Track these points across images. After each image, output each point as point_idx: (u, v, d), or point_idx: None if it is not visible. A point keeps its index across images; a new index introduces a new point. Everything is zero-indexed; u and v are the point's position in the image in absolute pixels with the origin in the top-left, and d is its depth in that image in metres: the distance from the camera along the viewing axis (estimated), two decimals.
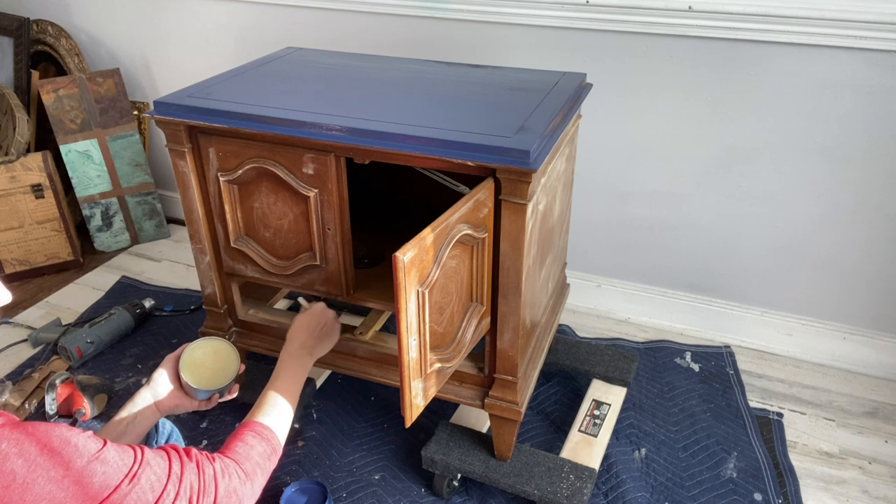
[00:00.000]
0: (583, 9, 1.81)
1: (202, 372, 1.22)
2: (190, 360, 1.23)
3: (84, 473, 0.79)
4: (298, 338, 1.37)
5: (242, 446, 1.06)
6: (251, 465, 1.04)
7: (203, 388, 1.21)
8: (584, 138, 1.93)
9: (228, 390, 1.27)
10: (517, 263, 1.28)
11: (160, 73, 2.54)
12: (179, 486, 0.89)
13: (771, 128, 1.81)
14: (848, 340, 2.00)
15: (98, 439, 0.85)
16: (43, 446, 0.78)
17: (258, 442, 1.08)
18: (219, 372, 1.23)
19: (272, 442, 1.11)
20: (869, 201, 1.81)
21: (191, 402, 1.23)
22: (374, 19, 2.07)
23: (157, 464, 0.89)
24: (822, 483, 1.64)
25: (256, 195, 1.42)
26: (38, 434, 0.79)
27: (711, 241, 2.02)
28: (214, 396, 1.25)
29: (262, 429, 1.11)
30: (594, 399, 1.78)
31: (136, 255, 2.62)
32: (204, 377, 1.22)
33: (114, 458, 0.84)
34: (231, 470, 0.99)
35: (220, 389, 1.23)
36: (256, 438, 1.09)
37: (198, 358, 1.24)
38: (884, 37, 1.60)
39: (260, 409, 1.17)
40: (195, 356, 1.24)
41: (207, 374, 1.22)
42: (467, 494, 1.59)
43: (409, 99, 1.43)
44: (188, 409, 1.24)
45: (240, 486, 0.99)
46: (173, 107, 1.38)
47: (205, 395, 1.23)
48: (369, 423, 1.79)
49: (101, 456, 0.82)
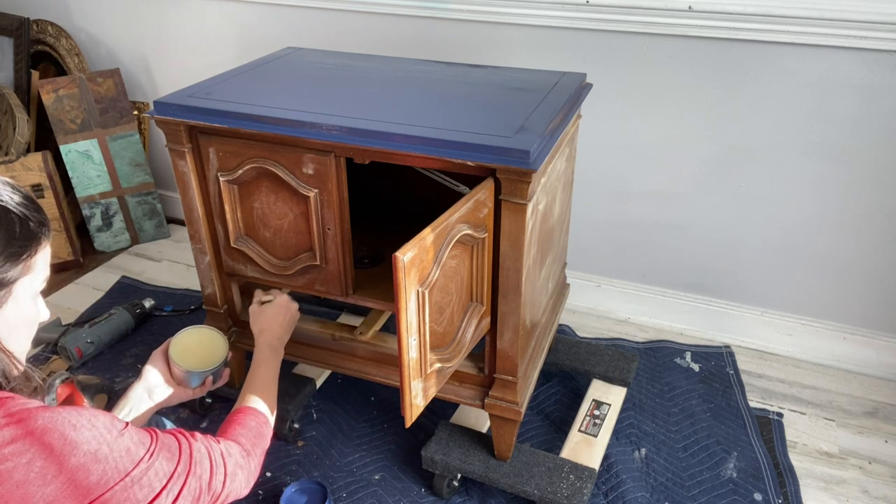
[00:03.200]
0: (583, 9, 1.81)
1: (192, 357, 1.25)
2: (180, 348, 1.26)
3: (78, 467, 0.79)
4: (274, 331, 1.44)
5: (240, 428, 1.13)
6: (250, 445, 1.10)
7: (195, 371, 1.22)
8: (584, 138, 1.93)
9: (220, 375, 1.28)
10: (517, 263, 1.28)
11: (160, 73, 2.54)
12: (190, 466, 0.91)
13: (771, 128, 1.81)
14: (848, 340, 2.00)
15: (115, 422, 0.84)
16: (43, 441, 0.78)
17: (254, 423, 1.16)
18: (208, 356, 1.26)
19: (264, 423, 1.18)
20: (869, 201, 1.81)
21: (185, 391, 1.24)
22: (374, 19, 2.07)
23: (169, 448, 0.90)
24: (822, 483, 1.64)
25: (256, 195, 1.42)
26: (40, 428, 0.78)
27: (711, 241, 2.02)
28: (207, 380, 1.25)
29: (254, 412, 1.19)
30: (594, 399, 1.78)
31: (136, 255, 2.62)
32: (194, 362, 1.24)
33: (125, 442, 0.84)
34: (234, 450, 1.04)
35: (212, 371, 1.24)
36: (253, 419, 1.16)
37: (187, 345, 1.27)
38: (884, 37, 1.60)
39: (248, 396, 1.23)
40: (185, 343, 1.27)
41: (196, 359, 1.25)
42: (467, 494, 1.59)
43: (409, 99, 1.43)
44: (183, 398, 1.24)
45: (243, 463, 1.05)
46: (173, 107, 1.38)
47: (198, 381, 1.24)
48: (369, 423, 1.79)
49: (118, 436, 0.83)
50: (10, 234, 0.76)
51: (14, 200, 0.77)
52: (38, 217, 0.81)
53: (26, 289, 0.81)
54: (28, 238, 0.78)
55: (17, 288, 0.79)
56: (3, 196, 0.77)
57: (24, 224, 0.77)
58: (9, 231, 0.76)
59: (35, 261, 0.80)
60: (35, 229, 0.79)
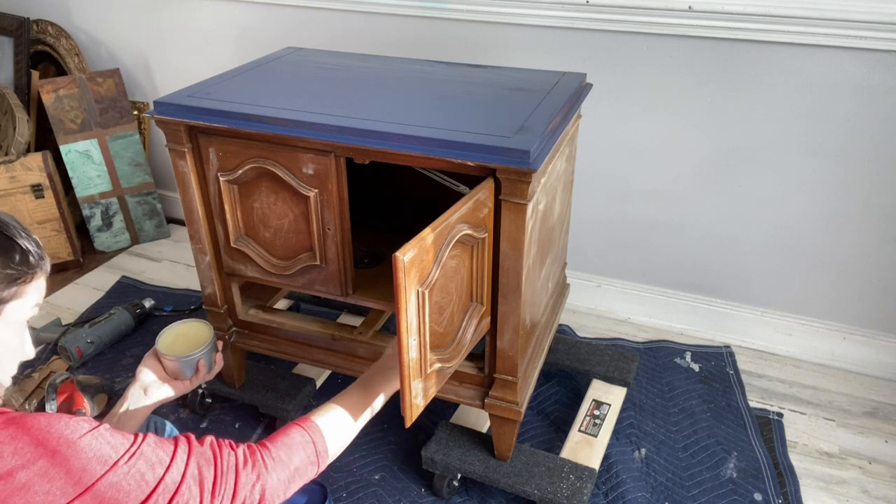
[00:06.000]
0: (583, 9, 1.81)
1: (179, 347, 1.26)
2: (167, 342, 1.27)
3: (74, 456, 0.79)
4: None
5: (281, 437, 1.02)
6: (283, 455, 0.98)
7: (184, 357, 1.23)
8: (584, 138, 1.93)
9: (214, 362, 1.28)
10: (517, 263, 1.28)
11: (160, 73, 2.54)
12: (186, 468, 0.88)
13: (771, 128, 1.81)
14: (848, 340, 2.00)
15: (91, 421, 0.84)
16: (33, 437, 0.78)
17: (299, 434, 1.03)
18: (195, 345, 1.26)
19: (315, 440, 1.04)
20: (869, 201, 1.81)
21: (180, 384, 1.24)
22: (374, 19, 2.07)
23: (160, 446, 0.88)
24: (822, 483, 1.64)
25: (256, 195, 1.42)
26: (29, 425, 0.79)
27: (711, 241, 2.02)
28: (201, 368, 1.25)
29: (309, 424, 1.05)
30: (594, 399, 1.78)
31: (136, 255, 2.62)
32: (182, 350, 1.25)
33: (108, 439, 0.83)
34: (256, 457, 0.95)
35: (201, 354, 1.24)
36: (298, 431, 1.03)
37: (173, 338, 1.28)
38: (884, 37, 1.60)
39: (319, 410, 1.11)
40: (171, 337, 1.28)
41: (184, 349, 1.26)
42: (467, 494, 1.59)
43: (409, 99, 1.43)
44: (180, 391, 1.23)
45: (265, 474, 0.95)
46: (173, 107, 1.38)
47: (190, 369, 1.24)
48: (369, 423, 1.78)
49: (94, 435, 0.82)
50: (10, 258, 0.84)
51: (21, 235, 0.86)
52: (39, 253, 0.88)
53: (16, 314, 0.86)
54: (25, 265, 0.85)
55: (6, 309, 0.85)
56: (13, 231, 0.86)
57: (24, 254, 0.85)
58: (9, 256, 0.84)
59: (28, 288, 0.86)
60: (34, 262, 0.87)
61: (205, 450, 0.92)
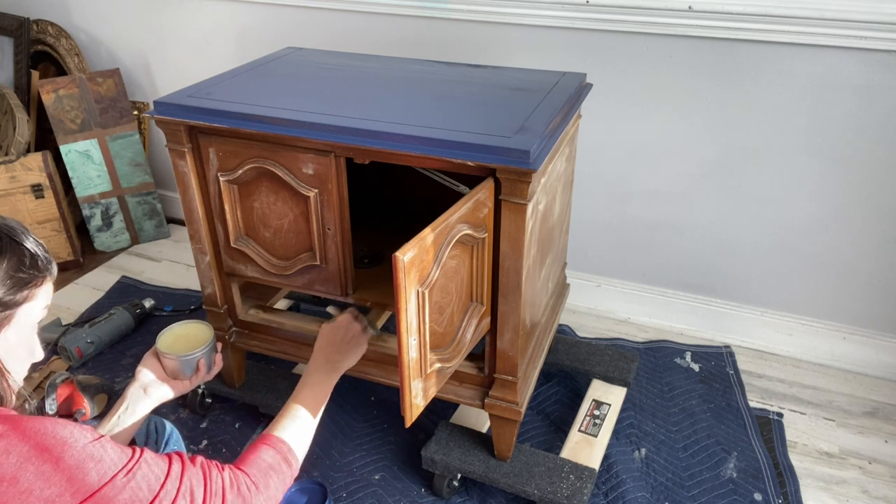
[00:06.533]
0: (583, 9, 1.81)
1: (180, 347, 1.26)
2: (167, 341, 1.27)
3: (75, 465, 0.79)
4: (324, 352, 1.34)
5: (255, 458, 1.05)
6: (263, 478, 1.02)
7: (184, 356, 1.23)
8: (584, 138, 1.93)
9: (213, 362, 1.28)
10: (517, 263, 1.28)
11: (160, 73, 2.54)
12: (180, 485, 0.89)
13: (771, 128, 1.81)
14: (848, 340, 2.00)
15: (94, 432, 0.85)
16: (33, 442, 0.78)
17: (272, 455, 1.07)
18: (194, 344, 1.27)
19: (287, 456, 1.09)
20: (869, 201, 1.81)
21: (180, 384, 1.24)
22: (374, 19, 2.07)
23: (156, 463, 0.89)
24: (822, 483, 1.64)
25: (256, 195, 1.42)
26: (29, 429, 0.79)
27: (711, 241, 2.02)
28: (201, 368, 1.25)
29: (277, 442, 1.10)
30: (594, 399, 1.78)
31: (136, 255, 2.62)
32: (182, 350, 1.25)
33: (109, 452, 0.84)
34: (241, 480, 0.98)
35: (201, 354, 1.24)
36: (270, 451, 1.08)
37: (173, 338, 1.28)
38: (884, 37, 1.60)
39: (279, 422, 1.15)
40: (171, 337, 1.28)
41: (183, 348, 1.26)
42: (467, 494, 1.59)
43: (409, 99, 1.43)
44: (180, 391, 1.23)
45: (249, 497, 0.98)
46: (173, 107, 1.38)
47: (189, 368, 1.24)
48: (369, 423, 1.79)
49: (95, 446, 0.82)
50: (21, 262, 0.87)
51: (30, 241, 0.90)
52: (47, 258, 0.92)
53: (27, 316, 0.89)
54: (35, 269, 0.89)
55: (18, 312, 0.88)
56: (22, 237, 0.89)
57: (33, 258, 0.89)
58: (20, 260, 0.87)
59: (38, 291, 0.90)
60: (42, 266, 0.90)
61: (196, 470, 0.94)
